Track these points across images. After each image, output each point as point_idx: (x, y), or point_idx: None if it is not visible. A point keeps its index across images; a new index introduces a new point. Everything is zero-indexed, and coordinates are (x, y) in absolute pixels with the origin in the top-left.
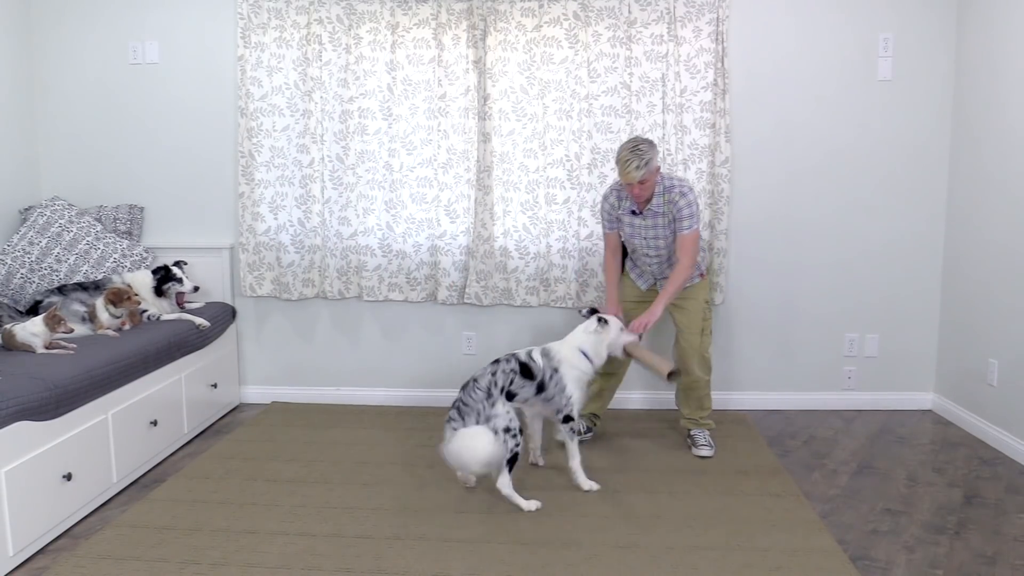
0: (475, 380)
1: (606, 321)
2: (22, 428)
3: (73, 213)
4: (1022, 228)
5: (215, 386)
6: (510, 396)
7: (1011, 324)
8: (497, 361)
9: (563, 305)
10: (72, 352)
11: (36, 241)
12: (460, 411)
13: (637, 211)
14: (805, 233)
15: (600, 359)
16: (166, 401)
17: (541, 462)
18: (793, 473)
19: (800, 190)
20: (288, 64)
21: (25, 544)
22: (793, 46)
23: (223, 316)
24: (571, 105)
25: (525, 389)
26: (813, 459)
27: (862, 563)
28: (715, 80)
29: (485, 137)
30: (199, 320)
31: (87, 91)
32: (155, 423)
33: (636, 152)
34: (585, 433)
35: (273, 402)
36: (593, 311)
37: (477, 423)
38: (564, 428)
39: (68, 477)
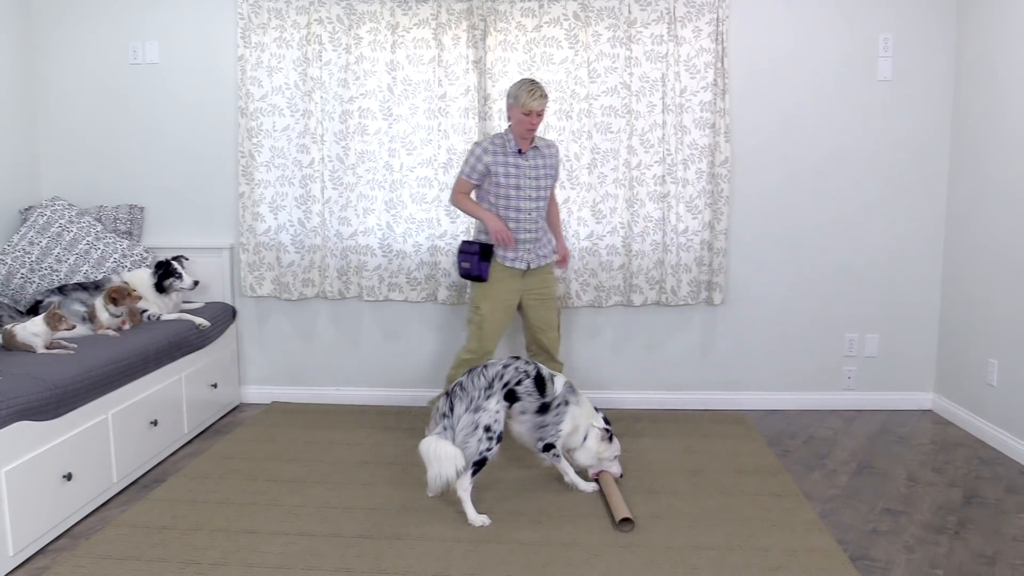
0: (485, 367)
1: (613, 438)
2: (22, 428)
3: (73, 213)
4: (1022, 228)
5: (215, 386)
6: (512, 397)
7: (1011, 324)
8: (516, 358)
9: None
10: (72, 352)
11: (36, 241)
12: (454, 395)
13: (523, 151)
14: (805, 233)
15: (586, 462)
16: (166, 401)
17: (588, 488)
18: (793, 473)
19: (800, 190)
20: (288, 64)
21: (25, 544)
22: (793, 46)
23: (223, 316)
24: (571, 105)
25: (530, 399)
26: (813, 459)
27: (862, 563)
28: (715, 80)
29: (485, 137)
30: (199, 320)
31: (87, 91)
32: (155, 423)
33: (535, 84)
34: None
35: (273, 402)
36: (607, 420)
37: (465, 411)
38: (548, 455)
39: (68, 477)
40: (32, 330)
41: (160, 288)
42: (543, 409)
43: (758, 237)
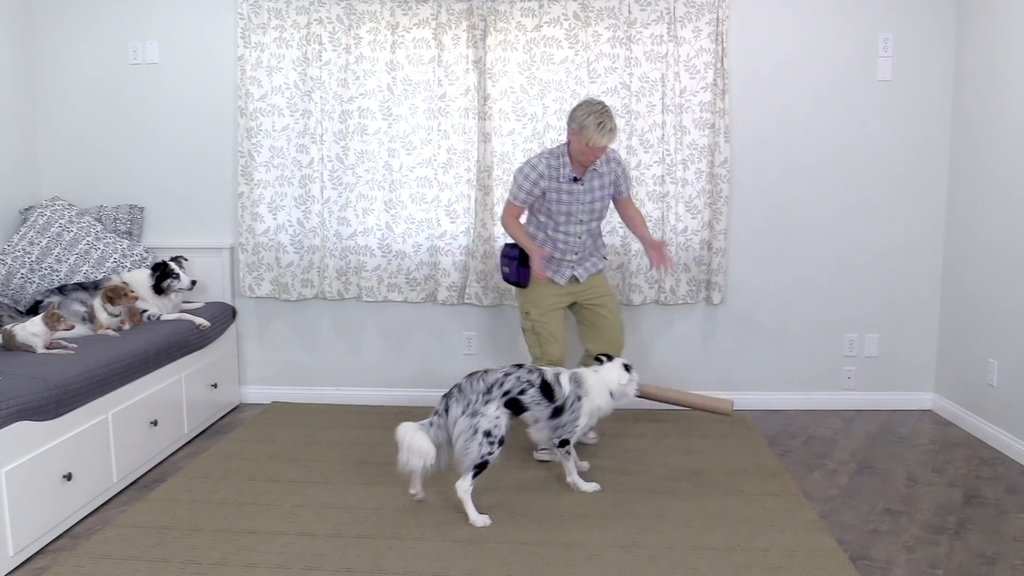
0: (485, 372)
1: (631, 367)
2: (22, 428)
3: (73, 213)
4: (1022, 228)
5: (215, 386)
6: (517, 406)
7: (1011, 324)
8: (519, 366)
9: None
10: (72, 352)
11: (36, 241)
12: (451, 397)
13: (579, 177)
14: (805, 233)
15: (624, 400)
16: (166, 401)
17: (589, 488)
18: (793, 473)
19: (800, 190)
20: (288, 64)
21: (25, 544)
22: (793, 46)
23: (223, 316)
24: (571, 105)
25: (539, 407)
26: (813, 459)
27: (862, 563)
28: (714, 80)
29: (485, 137)
30: (199, 320)
31: (87, 91)
32: (155, 423)
33: (606, 115)
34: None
35: (273, 402)
36: (610, 357)
37: (463, 413)
38: (560, 451)
39: (68, 477)
40: (31, 330)
41: (158, 289)
42: (558, 412)
43: (757, 237)
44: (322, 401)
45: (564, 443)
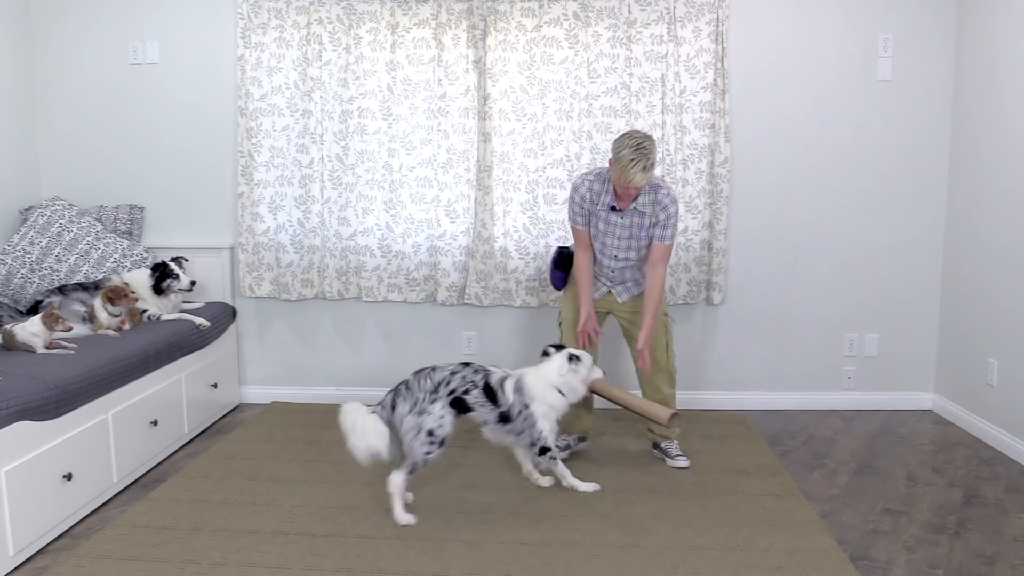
0: (433, 370)
1: (579, 358)
2: (22, 428)
3: (73, 213)
4: (1022, 228)
5: (215, 386)
6: (462, 406)
7: (1011, 324)
8: (467, 364)
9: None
10: (72, 352)
11: (36, 241)
12: (398, 394)
13: (618, 208)
14: (805, 233)
15: (576, 395)
16: (166, 401)
17: (544, 483)
18: (793, 473)
19: (800, 190)
20: (288, 64)
21: (25, 544)
22: (793, 46)
23: (223, 316)
24: (571, 105)
25: (484, 410)
26: (813, 459)
27: (862, 563)
28: (715, 80)
29: (485, 137)
30: (199, 320)
31: (87, 91)
32: (155, 423)
33: (642, 151)
34: (580, 443)
35: (273, 402)
36: (559, 347)
37: (409, 412)
38: (544, 459)
39: (68, 477)
40: (31, 330)
41: (158, 290)
42: (505, 418)
43: (758, 237)
44: (322, 401)
45: (544, 451)
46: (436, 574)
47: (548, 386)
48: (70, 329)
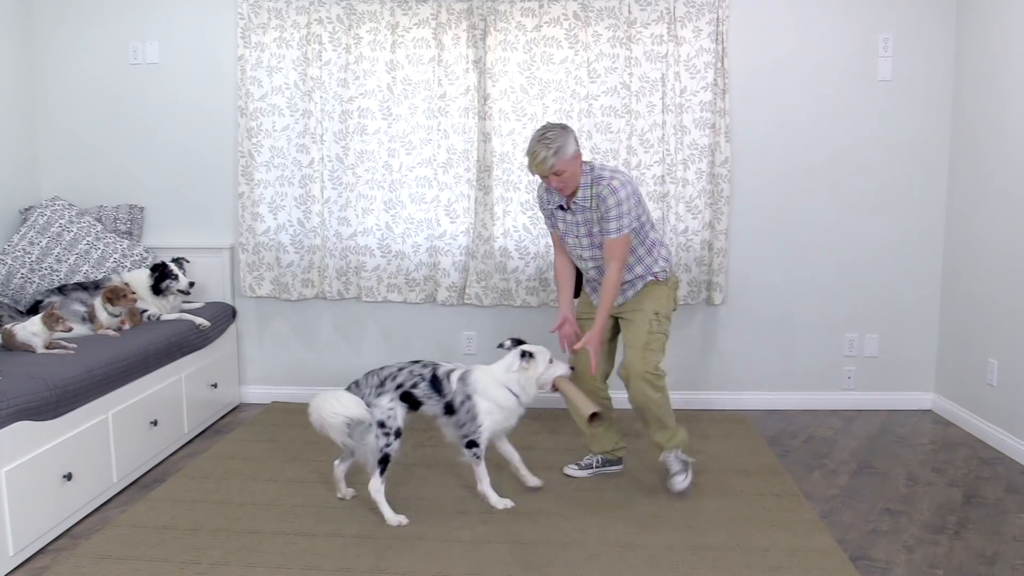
0: (381, 369)
1: (531, 355)
2: (22, 428)
3: (73, 213)
4: (1022, 228)
5: (215, 386)
6: (412, 401)
7: (1011, 324)
8: (416, 361)
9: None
10: (72, 352)
11: (36, 241)
12: (348, 391)
13: (565, 205)
14: (805, 233)
15: (528, 395)
16: (166, 401)
17: (532, 482)
18: (793, 473)
19: (800, 190)
20: (288, 64)
21: (25, 544)
22: (793, 46)
23: (223, 316)
24: (571, 105)
25: (431, 402)
26: (813, 459)
27: (862, 563)
28: (715, 80)
29: (485, 137)
30: (199, 320)
31: (87, 91)
32: (155, 423)
33: (544, 142)
34: (609, 466)
35: (273, 402)
36: (518, 342)
37: None
38: (468, 452)
39: (68, 477)
40: (31, 330)
41: (156, 290)
42: (449, 409)
43: (758, 237)
44: None
45: (472, 444)
46: (436, 574)
47: (495, 382)
48: (70, 330)
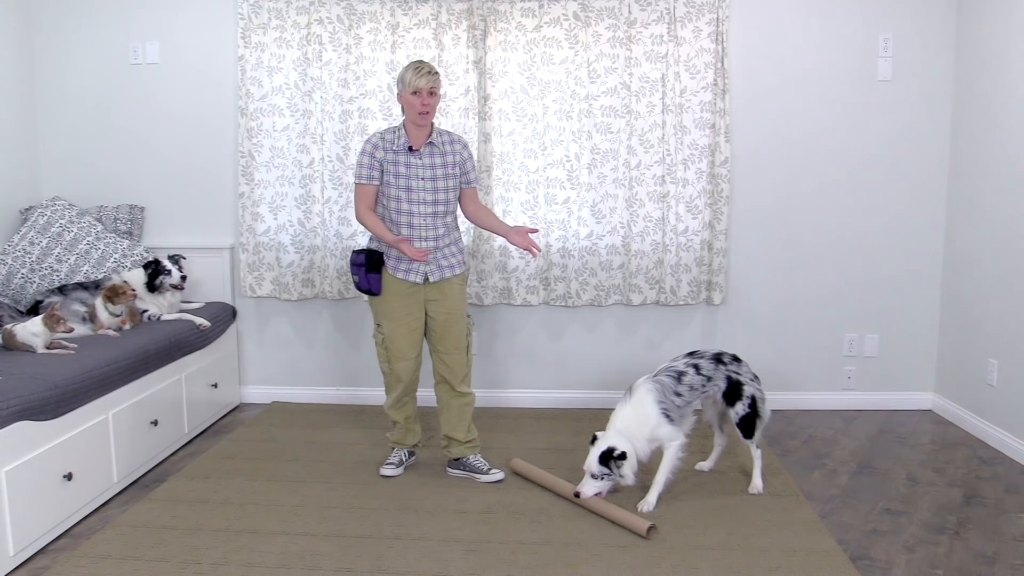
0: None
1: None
2: (23, 428)
3: (73, 213)
4: (1022, 228)
5: (215, 386)
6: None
7: (1011, 324)
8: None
9: (563, 304)
10: (72, 352)
11: (37, 241)
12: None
13: (415, 148)
14: (805, 233)
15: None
16: (166, 401)
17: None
18: (793, 473)
19: (800, 190)
20: (288, 64)
21: (25, 544)
22: (793, 46)
23: (223, 316)
24: (571, 105)
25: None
26: (813, 459)
27: (862, 563)
28: (715, 80)
29: (485, 137)
30: (199, 320)
31: (87, 91)
32: (155, 423)
33: (424, 61)
34: (411, 457)
35: (273, 402)
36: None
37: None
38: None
39: (68, 477)
40: (32, 330)
41: (152, 287)
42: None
43: (758, 237)
44: (322, 401)
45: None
46: (436, 574)
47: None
48: (71, 330)
